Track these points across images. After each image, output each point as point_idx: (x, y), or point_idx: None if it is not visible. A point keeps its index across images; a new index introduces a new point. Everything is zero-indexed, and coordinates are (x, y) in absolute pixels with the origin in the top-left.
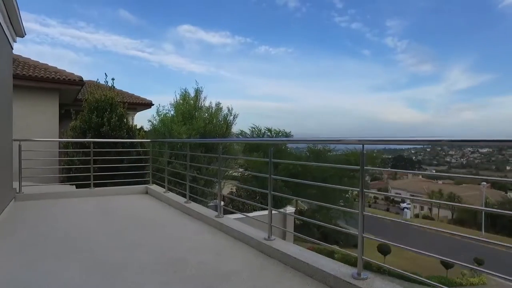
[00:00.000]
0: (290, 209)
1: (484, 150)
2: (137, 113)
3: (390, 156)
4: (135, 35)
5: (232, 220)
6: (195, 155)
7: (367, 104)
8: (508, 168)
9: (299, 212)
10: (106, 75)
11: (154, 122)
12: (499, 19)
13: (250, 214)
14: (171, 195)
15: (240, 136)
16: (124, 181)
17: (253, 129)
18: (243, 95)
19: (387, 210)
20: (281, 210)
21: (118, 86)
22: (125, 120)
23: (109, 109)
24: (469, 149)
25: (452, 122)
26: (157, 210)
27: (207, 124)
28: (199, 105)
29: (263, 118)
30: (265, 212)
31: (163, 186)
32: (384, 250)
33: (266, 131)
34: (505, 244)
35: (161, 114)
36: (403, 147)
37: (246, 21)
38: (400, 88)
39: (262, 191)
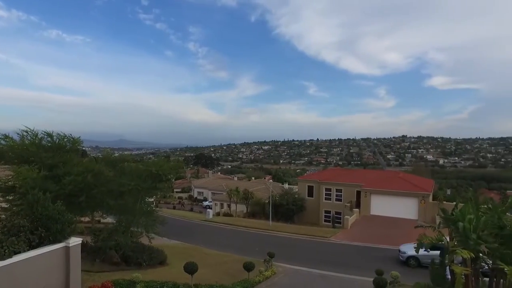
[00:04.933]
0: (75, 240)
1: (266, 148)
2: None
3: (193, 154)
4: None
5: None
6: None
7: (170, 104)
8: (281, 161)
9: (97, 230)
10: None
11: None
12: (273, 43)
13: (12, 260)
14: None
15: (3, 142)
16: None
17: (25, 134)
18: (27, 85)
19: (191, 210)
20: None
21: None
22: None
23: None
24: (255, 146)
25: (242, 123)
26: None
27: None
28: None
29: (54, 114)
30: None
31: None
32: (191, 269)
33: (45, 136)
34: None
35: None
36: (204, 145)
37: None
38: (202, 91)
39: None
